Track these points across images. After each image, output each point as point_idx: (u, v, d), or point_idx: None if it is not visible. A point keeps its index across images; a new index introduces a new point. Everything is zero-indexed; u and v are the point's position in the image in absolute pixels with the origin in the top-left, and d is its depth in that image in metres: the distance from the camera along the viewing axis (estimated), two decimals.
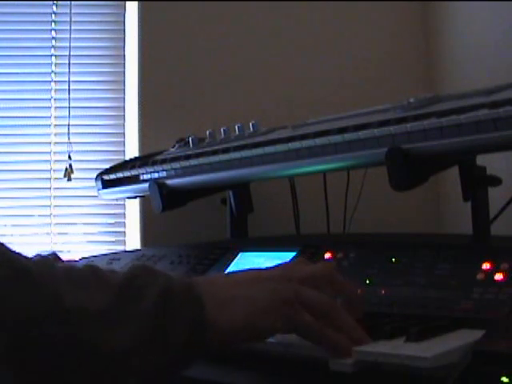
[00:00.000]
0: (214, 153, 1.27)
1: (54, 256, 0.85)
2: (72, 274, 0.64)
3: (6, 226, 1.82)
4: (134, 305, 0.62)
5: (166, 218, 1.59)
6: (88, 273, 0.64)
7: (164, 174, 1.37)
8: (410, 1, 1.83)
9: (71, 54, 1.84)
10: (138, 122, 1.77)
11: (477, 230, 1.09)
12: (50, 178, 1.84)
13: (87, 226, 1.85)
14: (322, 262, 0.87)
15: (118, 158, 1.78)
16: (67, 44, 1.84)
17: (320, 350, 0.70)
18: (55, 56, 1.86)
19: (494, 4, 1.50)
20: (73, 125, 1.83)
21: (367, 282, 0.91)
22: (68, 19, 1.84)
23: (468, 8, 1.63)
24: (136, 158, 1.64)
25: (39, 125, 1.86)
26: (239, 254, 1.17)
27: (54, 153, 1.85)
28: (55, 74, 1.86)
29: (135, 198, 1.63)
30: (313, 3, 1.79)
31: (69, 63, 1.84)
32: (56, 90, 1.85)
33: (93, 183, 1.60)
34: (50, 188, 1.84)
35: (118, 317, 0.61)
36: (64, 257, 1.75)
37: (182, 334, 0.62)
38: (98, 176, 1.58)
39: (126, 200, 1.79)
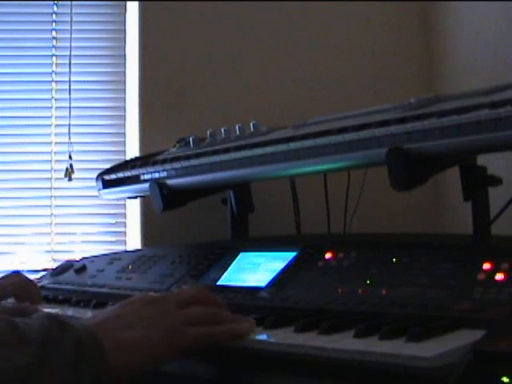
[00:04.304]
0: (215, 153, 1.27)
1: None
2: None
3: (6, 225, 1.82)
4: (50, 363, 0.69)
5: (166, 218, 1.59)
6: (7, 330, 0.69)
7: (165, 173, 1.37)
8: (410, 1, 1.83)
9: (72, 54, 1.84)
10: (139, 122, 1.77)
11: (477, 229, 1.09)
12: (51, 178, 1.85)
13: (88, 225, 1.85)
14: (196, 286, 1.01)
15: (119, 158, 1.78)
16: (68, 44, 1.84)
17: (323, 350, 0.70)
18: (56, 56, 1.87)
19: (494, 4, 1.50)
20: (73, 125, 1.84)
21: (368, 281, 0.91)
22: (69, 19, 1.84)
23: (468, 8, 1.63)
24: (137, 157, 1.64)
25: (40, 125, 1.86)
26: (239, 254, 1.17)
27: (55, 153, 1.85)
28: (56, 74, 1.86)
29: (136, 197, 1.64)
30: (313, 3, 1.79)
31: (69, 63, 1.84)
32: (57, 90, 1.86)
33: (93, 183, 1.60)
34: (51, 188, 1.84)
35: (37, 375, 0.67)
36: (65, 257, 1.76)
37: (91, 379, 0.71)
38: (98, 176, 1.58)
39: (127, 200, 1.79)
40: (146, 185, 1.41)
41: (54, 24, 1.87)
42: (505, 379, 0.58)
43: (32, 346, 0.68)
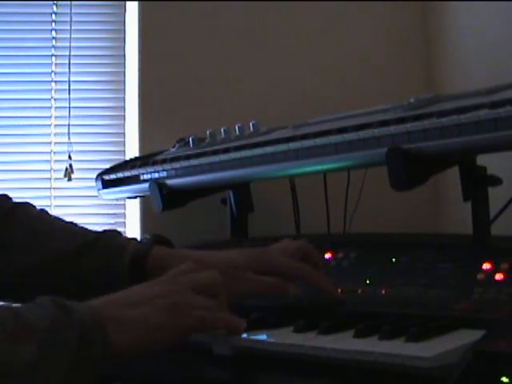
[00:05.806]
0: (215, 153, 1.27)
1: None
2: None
3: None
4: (54, 357, 0.68)
5: (166, 218, 1.59)
6: (11, 321, 0.68)
7: (164, 173, 1.37)
8: (410, 1, 1.83)
9: (71, 53, 1.84)
10: (139, 121, 1.77)
11: (477, 230, 1.09)
12: (51, 178, 1.84)
13: (88, 225, 1.84)
14: (208, 270, 0.91)
15: (119, 158, 1.78)
16: (67, 44, 1.84)
17: (322, 350, 0.70)
18: (55, 56, 1.86)
19: (494, 4, 1.50)
20: (73, 125, 1.83)
21: (367, 281, 0.91)
22: (68, 19, 1.84)
23: (468, 8, 1.63)
24: (136, 157, 1.64)
25: (39, 125, 1.86)
26: None
27: (54, 153, 1.85)
28: (55, 73, 1.86)
29: (135, 197, 1.63)
30: (313, 3, 1.79)
31: (69, 63, 1.84)
32: (56, 90, 1.85)
33: (93, 183, 1.60)
34: (51, 188, 1.84)
35: (43, 367, 0.67)
36: None
37: (93, 364, 0.71)
38: (98, 176, 1.58)
39: (127, 200, 1.79)
40: (146, 185, 1.41)
41: (53, 24, 1.87)
42: (505, 379, 0.58)
43: (35, 340, 0.67)
